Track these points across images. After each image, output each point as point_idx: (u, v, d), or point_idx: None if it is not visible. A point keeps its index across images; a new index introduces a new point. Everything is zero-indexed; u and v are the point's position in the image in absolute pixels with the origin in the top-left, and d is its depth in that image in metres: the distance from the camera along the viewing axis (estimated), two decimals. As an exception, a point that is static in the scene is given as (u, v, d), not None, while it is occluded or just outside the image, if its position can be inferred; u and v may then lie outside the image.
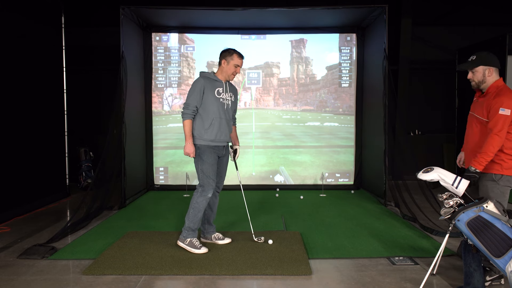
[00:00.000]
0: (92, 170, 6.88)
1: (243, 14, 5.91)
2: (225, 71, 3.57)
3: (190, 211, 3.53)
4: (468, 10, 7.75)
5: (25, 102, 5.01)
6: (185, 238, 3.54)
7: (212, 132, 3.51)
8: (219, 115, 3.53)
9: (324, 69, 6.75)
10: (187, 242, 3.53)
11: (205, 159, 3.50)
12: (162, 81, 6.65)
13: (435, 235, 4.01)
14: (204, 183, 3.51)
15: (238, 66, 3.57)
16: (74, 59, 6.86)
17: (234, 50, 3.58)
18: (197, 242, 3.54)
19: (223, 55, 3.58)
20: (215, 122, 3.51)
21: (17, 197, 4.81)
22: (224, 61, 3.56)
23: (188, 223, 3.54)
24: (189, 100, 3.48)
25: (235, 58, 3.55)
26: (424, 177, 2.65)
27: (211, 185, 3.52)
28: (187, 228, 3.54)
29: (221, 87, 3.57)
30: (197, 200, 3.51)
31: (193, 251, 3.48)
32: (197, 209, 3.51)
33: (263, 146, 6.76)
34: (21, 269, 3.17)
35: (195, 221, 3.53)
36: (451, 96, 7.34)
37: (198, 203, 3.51)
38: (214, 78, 3.57)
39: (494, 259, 2.33)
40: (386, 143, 5.42)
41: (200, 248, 3.50)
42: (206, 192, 3.50)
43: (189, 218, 3.53)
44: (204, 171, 3.50)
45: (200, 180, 3.54)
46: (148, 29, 6.47)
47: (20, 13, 4.95)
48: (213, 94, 3.51)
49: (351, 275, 3.06)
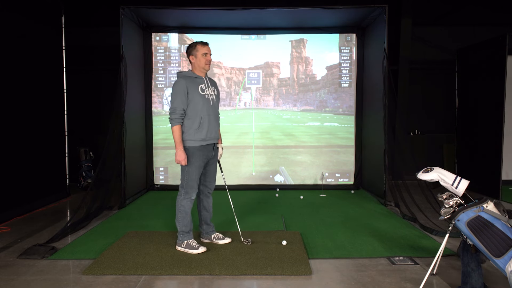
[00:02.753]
0: (92, 170, 6.88)
1: (243, 14, 5.91)
2: (198, 65, 3.49)
3: (178, 215, 3.50)
4: (468, 10, 7.75)
5: (25, 102, 5.01)
6: (181, 242, 3.53)
7: (202, 132, 3.44)
8: (207, 112, 3.46)
9: (324, 69, 6.75)
10: (184, 245, 3.51)
11: (193, 162, 3.44)
12: (162, 81, 6.65)
13: (435, 235, 4.01)
14: (188, 186, 3.46)
15: (207, 54, 3.49)
16: (74, 59, 6.86)
17: (196, 42, 3.53)
18: (194, 242, 3.53)
19: (189, 52, 3.51)
20: (204, 120, 3.44)
21: (17, 197, 4.81)
22: (192, 57, 3.49)
23: (180, 227, 3.52)
24: (175, 103, 3.36)
25: (199, 48, 3.48)
26: (424, 177, 2.66)
27: (195, 188, 3.50)
28: (181, 232, 3.52)
29: (203, 83, 3.49)
30: (181, 203, 3.48)
31: (192, 252, 3.47)
32: (184, 212, 3.49)
33: (263, 146, 6.76)
34: (21, 269, 3.17)
35: (186, 223, 3.51)
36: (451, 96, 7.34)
37: (184, 205, 3.48)
38: (193, 75, 3.49)
39: (494, 259, 2.33)
40: (386, 143, 5.42)
41: (198, 248, 3.49)
42: (189, 194, 3.48)
43: (179, 222, 3.51)
44: (190, 174, 3.44)
45: (183, 181, 3.47)
46: (148, 29, 6.47)
47: (20, 13, 4.95)
48: (198, 92, 3.43)
49: (351, 275, 3.06)
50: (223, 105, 6.72)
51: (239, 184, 6.62)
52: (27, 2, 5.08)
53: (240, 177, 6.67)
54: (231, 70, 6.73)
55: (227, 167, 6.64)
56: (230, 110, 6.77)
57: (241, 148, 6.72)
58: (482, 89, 6.21)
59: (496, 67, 5.83)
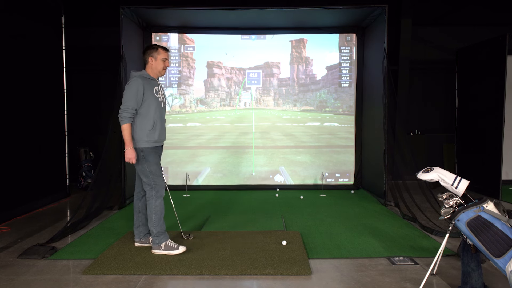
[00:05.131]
0: (92, 170, 6.88)
1: (243, 14, 5.92)
2: (155, 67, 3.47)
3: (153, 217, 3.44)
4: (468, 10, 7.75)
5: (25, 102, 5.01)
6: (159, 244, 3.46)
7: (155, 133, 3.43)
8: (160, 114, 3.46)
9: (324, 69, 6.75)
10: (163, 247, 3.45)
11: (151, 160, 3.43)
12: (162, 81, 6.65)
13: (435, 235, 4.01)
14: (157, 183, 3.45)
15: (166, 60, 3.49)
16: (74, 59, 6.86)
17: (158, 45, 3.50)
18: (172, 243, 3.49)
19: (149, 53, 3.46)
20: (157, 122, 3.43)
21: (17, 197, 4.81)
22: (151, 58, 3.45)
23: (156, 229, 3.45)
24: (128, 102, 3.31)
25: (161, 52, 3.46)
26: (424, 177, 2.66)
27: (163, 183, 3.50)
28: (157, 234, 3.46)
29: (157, 85, 3.49)
30: (155, 204, 3.45)
31: (172, 253, 3.42)
32: (159, 212, 3.46)
33: (263, 146, 6.76)
34: (21, 269, 3.17)
35: (161, 224, 3.48)
36: (451, 96, 7.34)
37: (157, 206, 3.46)
38: (149, 77, 3.45)
39: (494, 259, 2.33)
40: (386, 143, 5.42)
41: (178, 248, 3.46)
42: (160, 192, 3.47)
43: (154, 224, 3.45)
44: (153, 172, 3.44)
45: (150, 182, 3.44)
46: (148, 29, 6.47)
47: (20, 13, 4.95)
48: (153, 94, 3.42)
49: (351, 275, 3.06)
50: (223, 105, 6.73)
51: (239, 184, 6.63)
52: (27, 2, 5.08)
53: (240, 177, 6.67)
54: (231, 70, 6.73)
55: (227, 167, 6.64)
56: (230, 110, 6.77)
57: (241, 148, 6.72)
58: (482, 89, 6.21)
59: (496, 67, 5.83)
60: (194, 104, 6.76)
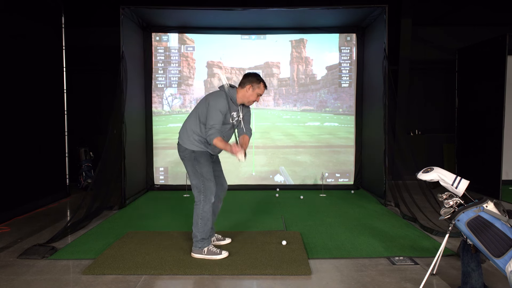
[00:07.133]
0: (92, 170, 6.87)
1: (243, 14, 5.92)
2: (247, 97, 3.42)
3: (199, 222, 3.36)
4: (468, 10, 7.75)
5: (25, 102, 5.01)
6: (201, 249, 3.39)
7: (209, 147, 3.46)
8: (224, 135, 3.45)
9: (324, 69, 6.75)
10: (206, 252, 3.38)
11: (203, 162, 3.40)
12: (162, 81, 6.65)
13: (435, 235, 4.01)
14: (206, 188, 3.37)
15: (259, 95, 3.47)
16: (74, 59, 6.86)
17: (262, 80, 3.46)
18: (214, 248, 3.43)
19: (251, 80, 3.40)
20: None
21: (17, 197, 4.81)
22: (250, 86, 3.39)
23: (200, 234, 3.39)
24: (215, 121, 3.29)
25: (261, 87, 3.42)
26: (424, 177, 2.65)
27: (213, 190, 3.40)
28: (201, 239, 3.39)
29: (235, 111, 3.45)
30: (203, 210, 3.37)
31: (215, 258, 3.36)
32: (206, 218, 3.39)
33: (263, 146, 6.76)
34: (21, 269, 3.17)
35: (206, 231, 3.41)
36: (451, 96, 7.34)
37: (205, 212, 3.38)
38: (234, 100, 3.42)
39: (494, 259, 2.33)
40: (386, 143, 5.42)
41: (220, 253, 3.40)
42: (209, 198, 3.38)
43: (200, 229, 3.38)
44: (204, 174, 3.38)
45: (200, 186, 3.37)
46: (148, 29, 6.47)
47: (20, 13, 4.95)
48: (229, 118, 3.42)
49: (351, 275, 3.06)
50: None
51: (239, 184, 6.63)
52: (27, 2, 5.08)
53: (240, 177, 6.67)
54: (231, 70, 6.73)
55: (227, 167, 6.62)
56: (230, 110, 6.77)
57: (241, 148, 6.71)
58: (482, 89, 6.21)
59: (496, 67, 5.83)
60: (194, 104, 6.76)
